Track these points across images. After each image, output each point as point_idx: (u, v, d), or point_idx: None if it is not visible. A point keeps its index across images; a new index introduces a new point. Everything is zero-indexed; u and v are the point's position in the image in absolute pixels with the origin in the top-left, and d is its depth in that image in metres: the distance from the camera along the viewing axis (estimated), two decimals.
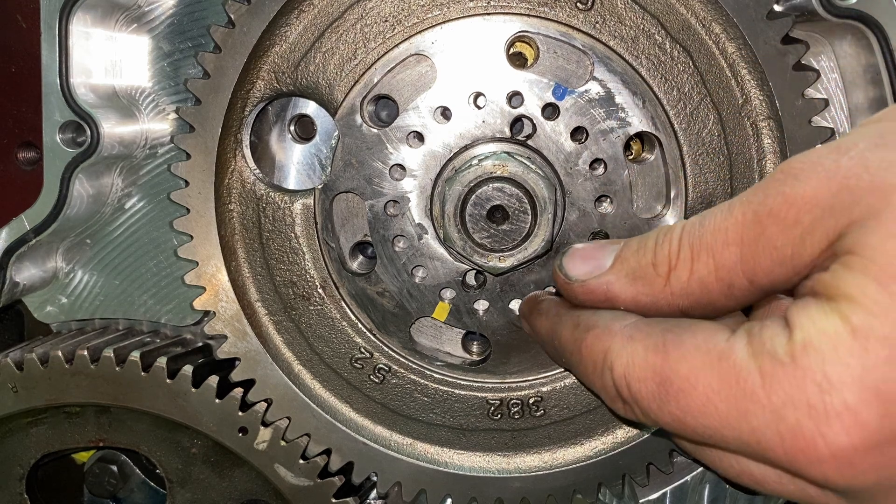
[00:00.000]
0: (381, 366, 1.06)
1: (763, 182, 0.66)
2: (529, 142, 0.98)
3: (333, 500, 1.06)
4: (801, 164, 0.63)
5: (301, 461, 1.05)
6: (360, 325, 1.05)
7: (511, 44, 0.98)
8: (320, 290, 1.05)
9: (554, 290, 0.98)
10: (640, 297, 0.73)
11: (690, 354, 0.65)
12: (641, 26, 0.95)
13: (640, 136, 1.00)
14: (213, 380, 1.05)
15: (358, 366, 1.06)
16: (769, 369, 0.60)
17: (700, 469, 1.14)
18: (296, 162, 1.07)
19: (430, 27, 0.97)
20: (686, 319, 0.71)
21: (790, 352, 0.59)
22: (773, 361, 0.60)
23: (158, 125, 1.13)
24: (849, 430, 0.57)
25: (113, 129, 1.07)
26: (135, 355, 1.05)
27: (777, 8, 0.94)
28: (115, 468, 1.24)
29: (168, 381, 1.05)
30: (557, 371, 1.04)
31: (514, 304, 1.02)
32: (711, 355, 0.64)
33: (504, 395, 1.05)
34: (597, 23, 0.96)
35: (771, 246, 0.63)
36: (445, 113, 0.98)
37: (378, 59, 0.98)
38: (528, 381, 1.05)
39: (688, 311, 0.72)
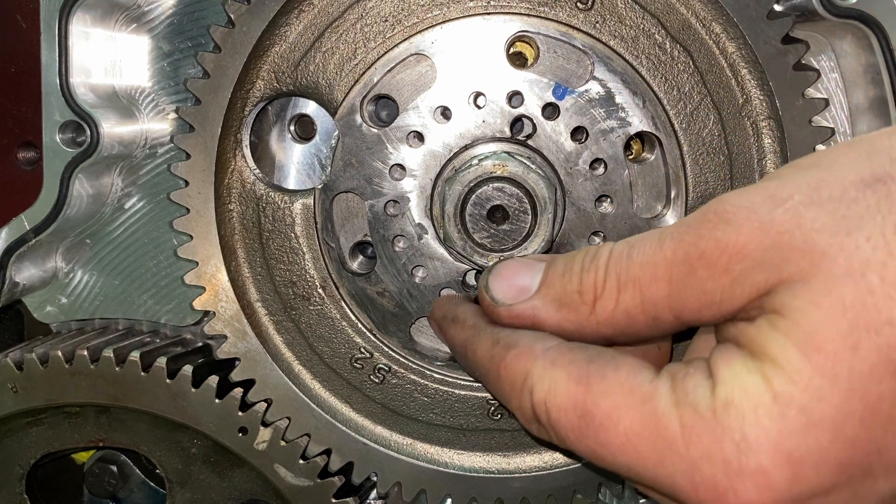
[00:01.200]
0: (381, 366, 1.06)
1: (695, 220, 0.65)
2: (529, 142, 0.98)
3: (333, 501, 1.06)
4: (736, 208, 0.63)
5: (301, 461, 1.05)
6: (360, 325, 1.05)
7: (511, 43, 0.98)
8: (320, 290, 1.05)
9: (473, 297, 0.96)
10: (565, 324, 0.73)
11: (613, 391, 0.67)
12: (642, 26, 0.95)
13: (640, 135, 1.00)
14: (213, 380, 1.05)
15: (358, 366, 1.06)
16: (690, 422, 0.62)
17: None
18: (296, 162, 1.07)
19: (430, 27, 0.97)
20: (610, 351, 0.71)
21: (712, 407, 0.62)
22: (695, 415, 0.62)
23: (158, 125, 1.13)
24: (760, 489, 0.60)
25: (113, 129, 1.07)
26: (135, 355, 1.05)
27: (777, 8, 0.94)
28: (114, 468, 1.24)
29: (168, 381, 1.04)
30: None
31: None
32: (634, 396, 0.66)
33: None
34: (597, 22, 0.96)
35: (700, 289, 0.64)
36: (445, 113, 0.98)
37: (378, 58, 0.98)
38: None
39: (613, 338, 0.73)
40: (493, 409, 1.05)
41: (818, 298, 0.59)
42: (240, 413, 1.04)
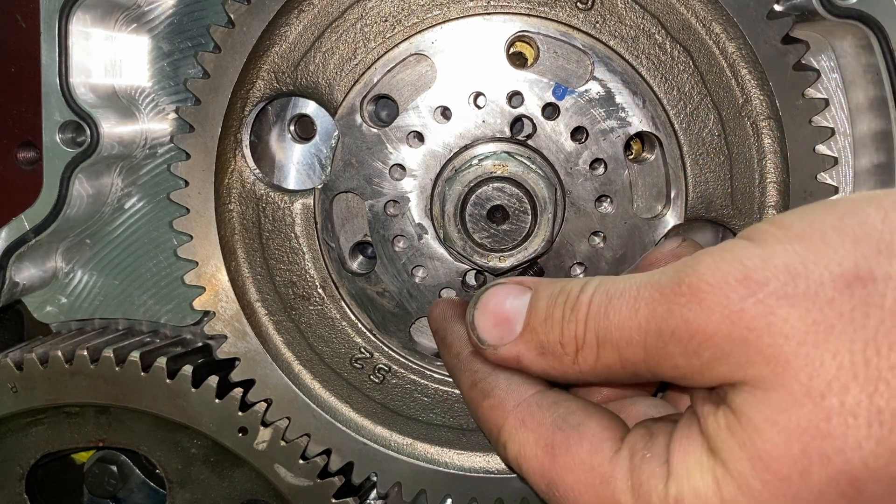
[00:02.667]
0: (381, 366, 1.06)
1: (669, 288, 0.63)
2: (529, 142, 0.98)
3: (333, 501, 1.06)
4: (710, 288, 0.60)
5: (301, 461, 1.05)
6: (360, 325, 1.05)
7: (511, 43, 0.98)
8: (320, 290, 1.05)
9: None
10: (549, 370, 0.73)
11: (576, 466, 0.69)
12: (642, 26, 0.95)
13: (640, 135, 1.00)
14: (213, 380, 1.05)
15: (358, 366, 1.06)
16: None
17: None
18: (296, 162, 1.07)
19: (430, 27, 0.97)
20: (579, 413, 0.73)
21: (664, 501, 0.63)
22: None
23: (158, 125, 1.13)
24: None
25: (113, 128, 1.07)
26: (134, 355, 1.05)
27: (777, 8, 0.94)
28: (114, 468, 1.24)
29: (168, 381, 1.04)
30: None
31: None
32: (594, 475, 0.68)
33: None
34: (597, 22, 0.96)
35: (672, 363, 0.64)
36: (445, 113, 0.98)
37: (378, 58, 0.98)
38: None
39: (597, 384, 0.77)
40: None
41: (775, 415, 0.58)
42: (240, 413, 1.04)
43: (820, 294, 0.58)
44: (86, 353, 1.05)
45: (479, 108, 0.98)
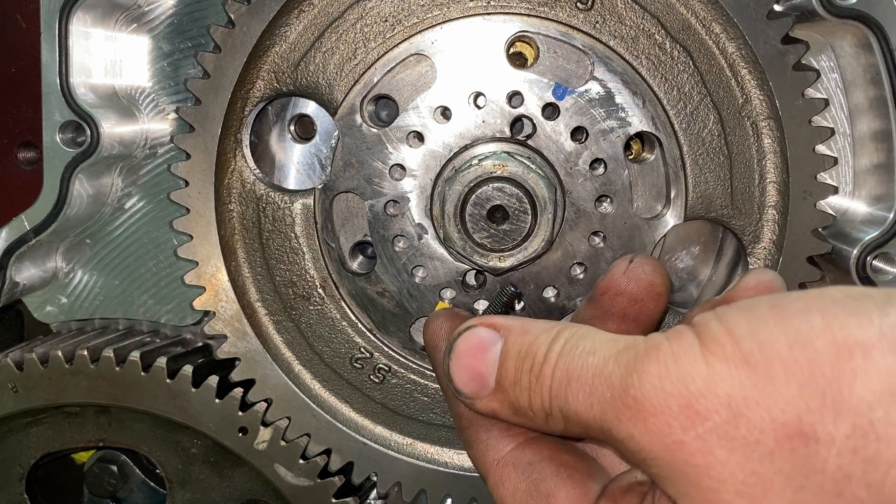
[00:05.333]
0: (381, 366, 1.06)
1: (617, 392, 0.61)
2: (529, 142, 0.98)
3: (333, 500, 1.06)
4: (652, 407, 0.59)
5: (301, 461, 1.05)
6: (360, 325, 1.05)
7: (511, 43, 0.98)
8: (320, 290, 1.05)
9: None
10: (525, 425, 0.74)
11: None
12: (641, 26, 0.95)
13: (640, 136, 1.00)
14: (213, 380, 1.05)
15: (358, 366, 1.06)
16: None
17: None
18: (296, 162, 1.07)
19: (430, 27, 0.97)
20: (549, 482, 0.75)
21: None
22: None
23: (158, 125, 1.13)
24: None
25: (113, 129, 1.07)
26: (135, 355, 1.05)
27: (777, 8, 0.94)
28: (115, 468, 1.24)
29: (168, 381, 1.05)
30: None
31: (515, 305, 1.02)
32: None
33: None
34: (597, 23, 0.96)
35: (625, 458, 0.66)
36: (445, 113, 0.98)
37: (378, 58, 0.98)
38: None
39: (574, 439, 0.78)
40: None
41: None
42: (240, 413, 1.04)
43: (760, 443, 0.55)
44: (86, 353, 1.05)
45: (479, 108, 0.98)
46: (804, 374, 0.55)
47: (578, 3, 0.96)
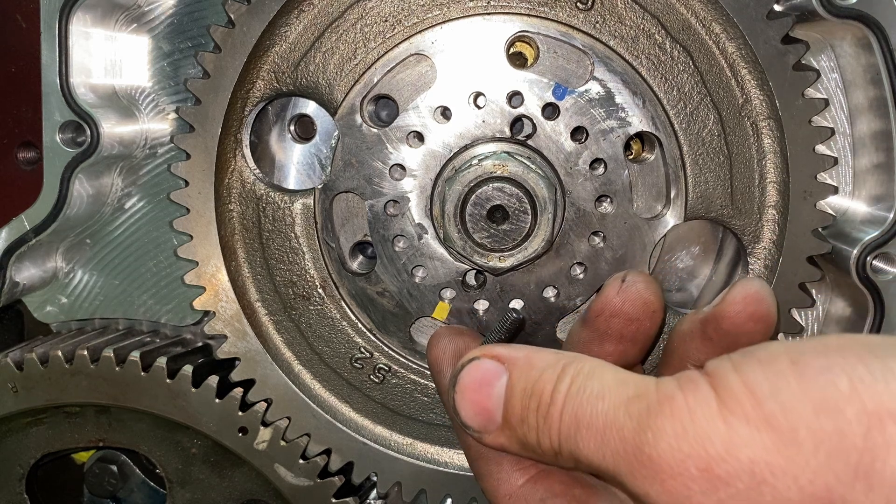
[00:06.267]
0: (381, 366, 1.06)
1: (630, 446, 0.59)
2: (529, 142, 0.98)
3: (333, 500, 1.06)
4: (669, 468, 0.56)
5: (301, 461, 1.05)
6: (360, 325, 1.05)
7: (511, 43, 0.98)
8: (320, 290, 1.05)
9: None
10: (535, 459, 0.73)
11: None
12: (641, 26, 0.95)
13: (640, 135, 1.00)
14: (213, 380, 1.05)
15: (358, 366, 1.06)
16: None
17: None
18: (296, 162, 1.07)
19: (430, 27, 0.97)
20: None
21: None
22: None
23: (158, 125, 1.13)
24: None
25: (113, 128, 1.07)
26: (135, 355, 1.05)
27: (777, 8, 0.94)
28: (115, 468, 1.24)
29: (168, 381, 1.05)
30: None
31: (515, 304, 1.02)
32: None
33: None
34: (597, 23, 0.96)
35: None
36: (445, 113, 0.98)
37: (378, 58, 0.98)
38: None
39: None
40: None
41: None
42: (240, 413, 1.04)
43: None
44: (86, 352, 1.05)
45: (479, 108, 0.98)
46: (832, 444, 0.52)
47: (578, 3, 0.96)
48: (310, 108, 1.05)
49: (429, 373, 1.05)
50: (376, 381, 1.06)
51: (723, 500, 0.54)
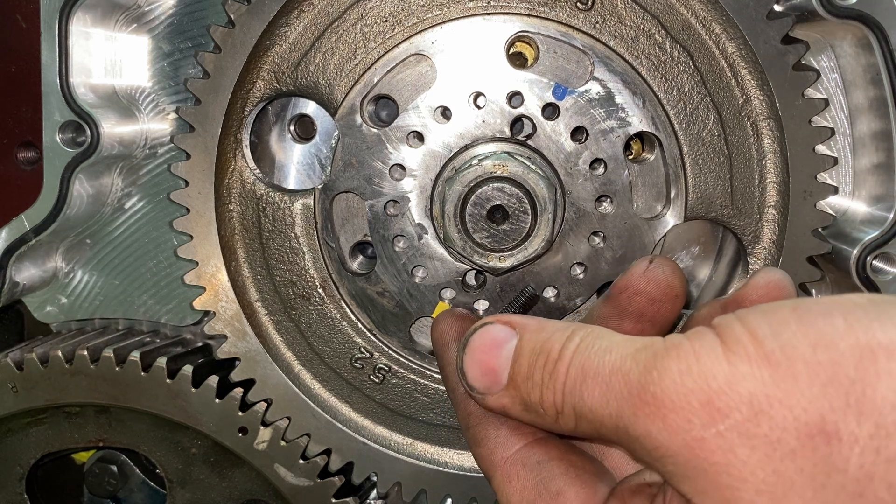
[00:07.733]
0: (381, 366, 1.06)
1: (635, 388, 0.61)
2: (529, 142, 0.98)
3: (333, 500, 1.06)
4: (672, 404, 0.58)
5: (301, 461, 1.05)
6: (360, 325, 1.05)
7: (511, 44, 0.98)
8: (320, 290, 1.05)
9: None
10: (535, 423, 0.74)
11: None
12: (641, 26, 0.95)
13: (640, 136, 1.01)
14: (213, 380, 1.05)
15: (358, 366, 1.06)
16: None
17: None
18: (296, 162, 1.07)
19: (430, 27, 0.97)
20: (558, 480, 0.75)
21: None
22: None
23: (158, 125, 1.13)
24: None
25: (113, 129, 1.07)
26: (135, 355, 1.05)
27: (777, 8, 0.94)
28: (115, 468, 1.24)
29: (168, 381, 1.05)
30: None
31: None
32: None
33: None
34: (597, 23, 0.96)
35: (639, 457, 0.64)
36: (445, 113, 0.98)
37: (378, 58, 0.98)
38: None
39: (583, 440, 0.79)
40: None
41: None
42: (240, 413, 1.04)
43: (782, 441, 0.55)
44: (86, 353, 1.05)
45: (479, 108, 0.98)
46: (827, 375, 0.54)
47: (578, 3, 0.96)
48: (310, 108, 1.05)
49: (429, 373, 1.05)
50: (376, 381, 1.06)
51: (721, 432, 0.56)
